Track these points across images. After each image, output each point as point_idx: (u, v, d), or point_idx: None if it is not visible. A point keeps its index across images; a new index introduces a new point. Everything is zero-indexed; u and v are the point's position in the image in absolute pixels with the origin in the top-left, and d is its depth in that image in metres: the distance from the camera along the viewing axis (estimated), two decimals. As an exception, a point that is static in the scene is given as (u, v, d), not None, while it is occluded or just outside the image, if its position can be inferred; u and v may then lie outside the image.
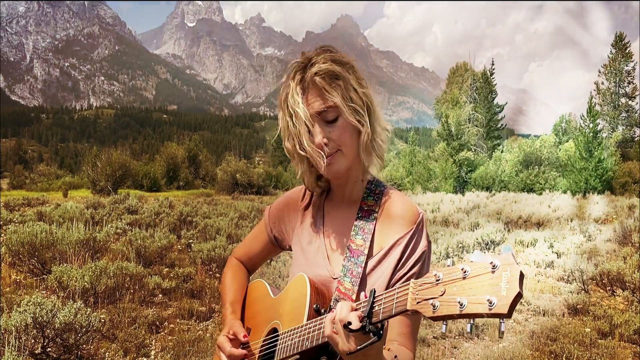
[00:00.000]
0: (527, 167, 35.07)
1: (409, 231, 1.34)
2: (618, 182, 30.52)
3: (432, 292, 0.99)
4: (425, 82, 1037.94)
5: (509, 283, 0.88)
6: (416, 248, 1.34)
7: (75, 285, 5.70)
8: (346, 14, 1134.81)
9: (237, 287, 1.65)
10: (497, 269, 0.91)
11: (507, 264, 0.90)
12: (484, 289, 0.91)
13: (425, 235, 1.36)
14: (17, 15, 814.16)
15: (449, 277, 0.98)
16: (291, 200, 1.61)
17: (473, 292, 0.92)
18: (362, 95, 1.33)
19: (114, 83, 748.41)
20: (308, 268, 1.47)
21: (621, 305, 6.56)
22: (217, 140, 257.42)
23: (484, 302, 0.89)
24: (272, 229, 1.64)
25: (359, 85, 1.33)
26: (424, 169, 36.93)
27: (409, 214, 1.37)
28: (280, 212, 1.63)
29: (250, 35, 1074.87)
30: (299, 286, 1.39)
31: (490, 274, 0.91)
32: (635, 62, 44.76)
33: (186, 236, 10.36)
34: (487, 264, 0.93)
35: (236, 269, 1.73)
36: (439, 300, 0.97)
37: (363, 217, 1.40)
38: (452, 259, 1.02)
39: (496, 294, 0.88)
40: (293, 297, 1.41)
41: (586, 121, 31.55)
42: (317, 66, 1.30)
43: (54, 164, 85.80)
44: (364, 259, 1.35)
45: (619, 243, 10.77)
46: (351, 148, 1.35)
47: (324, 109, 1.30)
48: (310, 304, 1.33)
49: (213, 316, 5.95)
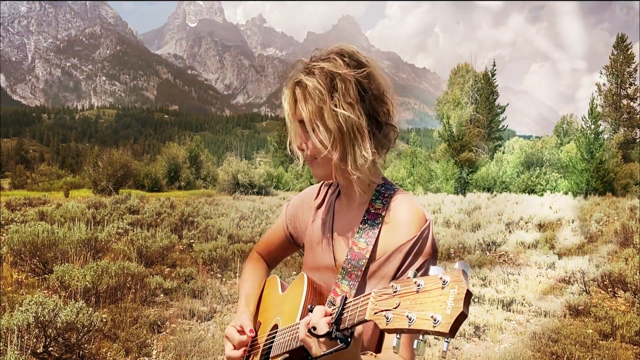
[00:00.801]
0: (528, 168, 35.05)
1: (412, 238, 1.31)
2: (619, 184, 30.49)
3: (389, 304, 0.98)
4: (426, 83, 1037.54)
5: (454, 301, 0.86)
6: (419, 255, 1.31)
7: (76, 284, 5.71)
8: (348, 14, 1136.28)
9: (254, 281, 1.66)
10: (447, 285, 0.89)
11: (456, 281, 0.88)
12: (432, 305, 0.89)
13: (430, 243, 1.32)
14: (19, 15, 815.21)
15: (405, 289, 0.96)
16: (306, 198, 1.62)
17: (422, 307, 0.90)
18: (340, 116, 1.26)
19: (116, 83, 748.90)
20: (317, 267, 1.49)
21: (622, 306, 6.55)
22: (219, 140, 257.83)
23: (429, 318, 0.87)
24: (288, 226, 1.66)
25: (341, 105, 1.27)
26: (425, 169, 36.89)
27: (415, 219, 1.33)
28: (296, 210, 1.65)
29: (251, 36, 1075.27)
30: (299, 285, 1.41)
31: (440, 289, 0.89)
32: (637, 63, 44.73)
33: (187, 236, 10.38)
34: (438, 280, 0.90)
35: (255, 262, 1.74)
36: (393, 313, 0.95)
37: (369, 220, 1.37)
38: (414, 271, 0.99)
39: (441, 312, 0.86)
40: (292, 296, 1.43)
41: (587, 122, 31.50)
42: (304, 76, 1.30)
43: (55, 163, 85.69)
44: (364, 262, 1.34)
45: (620, 244, 10.76)
46: (327, 160, 1.34)
47: (298, 119, 1.34)
48: (305, 304, 1.33)
49: (214, 316, 5.96)
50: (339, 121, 1.27)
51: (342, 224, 1.46)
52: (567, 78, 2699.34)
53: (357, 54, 1.32)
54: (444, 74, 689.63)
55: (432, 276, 0.93)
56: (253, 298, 1.61)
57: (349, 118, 1.27)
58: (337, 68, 1.28)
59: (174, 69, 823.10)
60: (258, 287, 1.65)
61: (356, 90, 1.28)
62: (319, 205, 1.55)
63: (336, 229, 1.47)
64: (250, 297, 1.61)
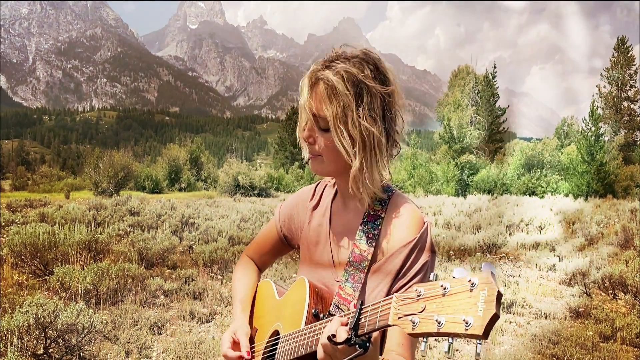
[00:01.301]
0: (529, 170, 35.04)
1: (412, 240, 1.31)
2: (620, 186, 30.48)
3: (413, 308, 0.98)
4: (427, 85, 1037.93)
5: (486, 303, 0.86)
6: (419, 258, 1.31)
7: (77, 286, 5.72)
8: (348, 16, 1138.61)
9: (247, 285, 1.65)
10: (475, 287, 0.89)
11: (485, 283, 0.88)
12: (462, 308, 0.89)
13: (429, 245, 1.33)
14: (19, 17, 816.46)
15: (429, 293, 0.96)
16: (301, 199, 1.61)
17: (451, 310, 0.91)
18: (363, 129, 1.26)
19: (116, 85, 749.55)
20: (313, 269, 1.48)
21: (623, 308, 6.55)
22: (219, 142, 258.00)
23: (461, 321, 0.87)
24: (282, 228, 1.64)
25: (365, 117, 1.26)
26: (425, 171, 36.88)
27: (414, 221, 1.34)
28: (290, 211, 1.63)
29: (252, 38, 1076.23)
30: (300, 289, 1.39)
31: (468, 292, 0.90)
32: (637, 65, 44.74)
33: (188, 238, 10.38)
34: (466, 282, 0.91)
35: (247, 266, 1.72)
36: (419, 317, 0.95)
37: (369, 221, 1.37)
38: (436, 274, 1.00)
39: (473, 314, 0.87)
40: (293, 301, 1.41)
41: (588, 124, 31.50)
42: (330, 72, 1.27)
43: (56, 165, 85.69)
44: (366, 264, 1.34)
45: (621, 246, 10.75)
46: (333, 162, 1.34)
47: (315, 114, 1.30)
48: (309, 309, 1.32)
49: (215, 318, 5.96)
50: (362, 133, 1.26)
51: (340, 225, 1.46)
52: (568, 80, 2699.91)
53: (383, 67, 1.31)
54: (444, 76, 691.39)
55: (458, 279, 0.93)
56: (248, 303, 1.60)
57: (372, 133, 1.27)
58: (366, 79, 1.27)
59: (175, 70, 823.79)
60: (252, 291, 1.64)
61: (380, 107, 1.28)
62: (315, 206, 1.54)
63: (334, 229, 1.47)
64: (246, 303, 1.60)
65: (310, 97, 1.30)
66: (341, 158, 1.32)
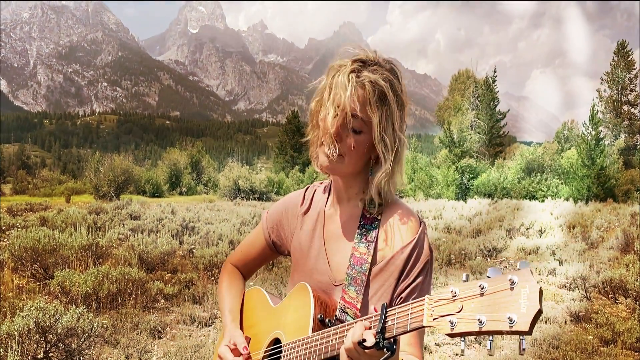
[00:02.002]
0: (529, 174, 35.04)
1: (412, 240, 1.33)
2: (620, 190, 30.44)
3: (449, 309, 0.98)
4: (427, 89, 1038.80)
5: (529, 300, 0.88)
6: (419, 257, 1.33)
7: (77, 290, 5.72)
8: (349, 21, 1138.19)
9: (234, 294, 1.63)
10: (516, 285, 0.91)
11: (525, 281, 0.90)
12: (504, 305, 0.90)
13: (427, 245, 1.35)
14: (20, 22, 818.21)
15: (465, 293, 0.97)
16: (290, 205, 1.59)
17: (492, 309, 0.92)
18: (397, 137, 1.31)
19: (117, 89, 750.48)
20: (309, 274, 1.46)
21: (623, 312, 6.54)
22: (220, 146, 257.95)
23: (504, 319, 0.89)
24: (271, 234, 1.62)
25: (399, 126, 1.31)
26: (426, 175, 36.89)
27: (411, 223, 1.36)
28: (279, 217, 1.60)
29: (253, 42, 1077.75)
30: (302, 295, 1.38)
31: (509, 290, 0.91)
32: (637, 70, 44.79)
33: (188, 242, 10.38)
34: (506, 281, 0.92)
35: (232, 275, 1.69)
36: (457, 317, 0.96)
37: (366, 224, 1.38)
38: (467, 274, 1.01)
39: (516, 311, 0.88)
40: (296, 307, 1.39)
41: (588, 129, 31.50)
42: (377, 74, 1.27)
43: (56, 169, 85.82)
44: (367, 266, 1.34)
45: (621, 250, 10.75)
46: (353, 165, 1.34)
47: (356, 114, 1.26)
48: (315, 314, 1.31)
49: (215, 322, 5.95)
50: (397, 140, 1.31)
51: (334, 229, 1.46)
52: (568, 84, 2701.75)
53: (403, 83, 1.35)
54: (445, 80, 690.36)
55: (495, 278, 0.94)
56: (237, 312, 1.59)
57: (403, 142, 1.33)
58: (403, 92, 1.33)
59: (176, 74, 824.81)
60: (239, 301, 1.62)
61: (404, 119, 1.34)
62: (306, 211, 1.53)
63: (327, 234, 1.46)
64: (235, 312, 1.58)
65: (352, 96, 1.26)
66: (361, 161, 1.34)
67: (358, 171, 1.37)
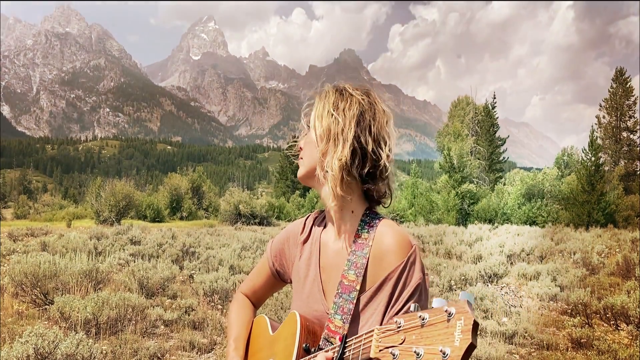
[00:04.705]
0: (529, 199, 35.04)
1: (400, 264, 1.30)
2: (621, 216, 30.40)
3: (393, 340, 0.97)
4: (427, 115, 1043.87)
5: (462, 333, 0.86)
6: (409, 282, 1.28)
7: (77, 316, 5.70)
8: (349, 48, 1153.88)
9: (242, 323, 1.64)
10: (452, 317, 0.89)
11: (461, 313, 0.88)
12: (439, 338, 0.89)
13: (419, 268, 1.31)
14: (24, 48, 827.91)
15: (409, 324, 0.96)
16: (291, 234, 1.61)
17: (430, 341, 0.90)
18: (333, 122, 1.38)
19: (119, 114, 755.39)
20: (305, 303, 1.47)
21: (625, 339, 6.50)
22: (221, 171, 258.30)
23: (438, 352, 0.87)
24: (274, 263, 1.64)
25: (338, 112, 1.39)
26: (426, 200, 36.90)
27: (401, 246, 1.32)
28: (282, 246, 1.62)
29: (254, 69, 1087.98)
30: (291, 324, 1.39)
31: (445, 322, 0.90)
32: (636, 96, 45.10)
33: (189, 267, 10.36)
34: (443, 312, 0.91)
35: (241, 303, 1.71)
36: (399, 349, 0.95)
37: (356, 250, 1.37)
38: (416, 305, 1.00)
39: (450, 344, 0.87)
40: (285, 336, 1.41)
41: (588, 154, 31.62)
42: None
43: (58, 194, 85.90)
44: (355, 294, 1.32)
45: (622, 277, 10.71)
46: (307, 165, 1.46)
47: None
48: (300, 344, 1.32)
49: (215, 348, 5.92)
50: (329, 124, 1.40)
51: (329, 256, 1.46)
52: (568, 111, 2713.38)
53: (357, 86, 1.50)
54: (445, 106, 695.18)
55: (436, 309, 0.93)
56: (242, 341, 1.59)
57: (339, 123, 1.38)
58: (343, 85, 1.49)
59: (177, 100, 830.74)
60: (246, 329, 1.63)
61: (357, 112, 1.39)
62: (305, 240, 1.54)
63: (324, 261, 1.47)
64: (239, 341, 1.58)
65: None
66: (314, 159, 1.47)
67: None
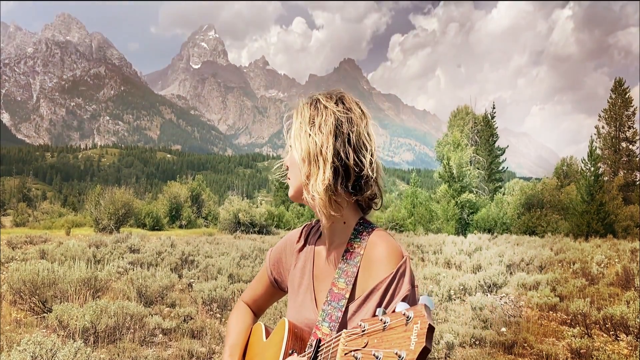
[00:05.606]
0: (529, 209, 35.06)
1: (389, 275, 1.29)
2: (620, 226, 30.43)
3: (358, 344, 0.98)
4: (427, 125, 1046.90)
5: (417, 337, 0.87)
6: (397, 292, 1.28)
7: (75, 324, 5.69)
8: (349, 57, 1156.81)
9: (239, 330, 1.66)
10: (410, 321, 0.90)
11: (418, 316, 0.89)
12: (397, 342, 0.90)
13: (408, 280, 1.30)
14: (25, 56, 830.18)
15: (372, 328, 0.97)
16: (288, 243, 1.63)
17: (388, 344, 0.91)
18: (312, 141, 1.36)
19: (119, 123, 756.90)
20: (298, 310, 1.49)
21: (625, 350, 6.49)
22: (220, 179, 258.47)
23: (394, 355, 0.88)
24: (272, 272, 1.66)
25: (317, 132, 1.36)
26: (425, 210, 36.95)
27: (391, 257, 1.32)
28: (279, 255, 1.65)
29: (254, 78, 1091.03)
30: (280, 330, 1.42)
31: (404, 326, 0.90)
32: (635, 107, 45.26)
33: (187, 275, 10.34)
34: (402, 316, 0.92)
35: (241, 311, 1.73)
36: (362, 352, 0.96)
37: (348, 259, 1.38)
38: (383, 309, 1.00)
39: (406, 348, 0.87)
40: (274, 342, 1.44)
41: (587, 165, 31.69)
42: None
43: (57, 202, 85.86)
44: (344, 303, 1.33)
45: (622, 287, 10.69)
46: (295, 185, 1.45)
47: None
48: (286, 349, 1.35)
49: (213, 357, 5.90)
50: (308, 145, 1.37)
51: (322, 265, 1.47)
52: (567, 121, 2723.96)
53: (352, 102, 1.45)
54: (444, 116, 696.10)
55: (397, 313, 0.94)
56: (238, 348, 1.61)
57: (317, 144, 1.36)
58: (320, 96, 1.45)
59: (177, 109, 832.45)
60: (243, 336, 1.65)
61: (333, 126, 1.36)
62: (301, 249, 1.56)
63: (316, 270, 1.49)
64: (235, 348, 1.60)
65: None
66: (298, 175, 1.44)
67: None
